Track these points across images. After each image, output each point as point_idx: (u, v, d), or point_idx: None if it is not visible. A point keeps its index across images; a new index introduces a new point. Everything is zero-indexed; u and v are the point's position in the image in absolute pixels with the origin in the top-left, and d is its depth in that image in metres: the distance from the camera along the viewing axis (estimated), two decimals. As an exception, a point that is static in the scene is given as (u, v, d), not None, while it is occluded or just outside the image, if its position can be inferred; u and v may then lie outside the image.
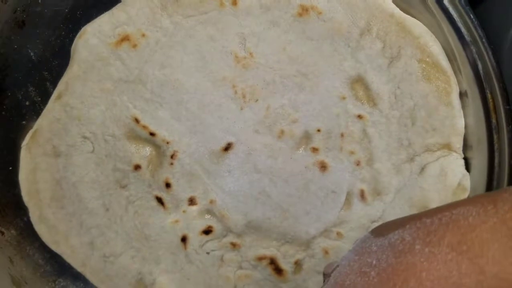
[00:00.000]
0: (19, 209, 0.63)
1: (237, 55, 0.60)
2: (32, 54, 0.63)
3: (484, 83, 0.58)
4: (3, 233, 0.62)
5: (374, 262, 0.42)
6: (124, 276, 0.63)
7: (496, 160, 0.59)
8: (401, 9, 0.60)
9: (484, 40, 0.57)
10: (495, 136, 0.59)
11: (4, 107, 0.63)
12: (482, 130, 0.60)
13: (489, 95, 0.58)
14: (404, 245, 0.41)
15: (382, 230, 0.45)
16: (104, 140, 0.61)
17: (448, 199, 0.62)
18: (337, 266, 0.46)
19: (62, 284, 0.65)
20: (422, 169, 0.62)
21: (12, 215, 0.63)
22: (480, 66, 0.58)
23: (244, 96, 0.61)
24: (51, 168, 0.61)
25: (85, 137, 0.61)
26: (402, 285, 0.39)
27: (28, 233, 0.63)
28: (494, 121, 0.59)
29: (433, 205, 0.61)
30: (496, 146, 0.59)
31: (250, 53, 0.60)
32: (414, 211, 0.62)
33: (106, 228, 0.63)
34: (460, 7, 0.57)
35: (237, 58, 0.60)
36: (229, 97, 0.61)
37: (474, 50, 0.58)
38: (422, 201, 0.62)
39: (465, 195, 0.61)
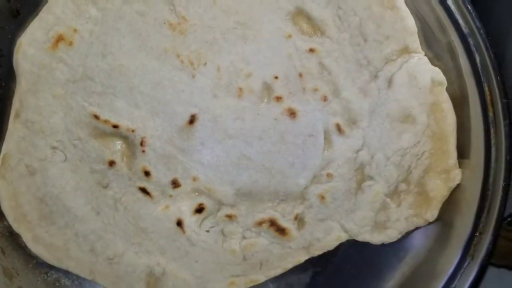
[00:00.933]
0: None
1: (171, 22, 0.58)
2: (26, 43, 0.61)
3: (481, 76, 0.57)
4: None
5: None
6: (133, 272, 0.62)
7: (493, 155, 0.58)
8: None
9: (482, 32, 0.56)
10: (492, 131, 0.58)
11: (-2, 97, 0.62)
12: (479, 124, 0.59)
13: (486, 88, 0.57)
14: None
15: None
16: (73, 145, 0.60)
17: (428, 100, 0.59)
18: None
19: (54, 276, 0.65)
20: (389, 82, 0.59)
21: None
22: (477, 59, 0.57)
23: (191, 63, 0.59)
24: (30, 188, 0.61)
25: (54, 148, 0.60)
26: None
27: (21, 224, 0.62)
28: (491, 114, 0.58)
29: (415, 112, 0.59)
30: (493, 141, 0.58)
31: (183, 17, 0.58)
32: (396, 125, 0.60)
33: (102, 231, 0.62)
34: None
35: (171, 26, 0.58)
36: (177, 68, 0.59)
37: (471, 42, 0.57)
38: (402, 112, 0.60)
39: (443, 89, 0.59)
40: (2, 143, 0.61)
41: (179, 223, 0.61)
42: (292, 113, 0.59)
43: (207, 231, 0.62)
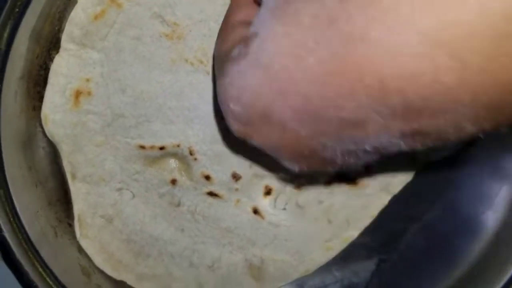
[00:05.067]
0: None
1: (166, 33, 0.59)
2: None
3: None
4: (70, 225, 0.64)
5: (310, 44, 0.30)
6: (236, 270, 0.64)
7: None
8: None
9: None
10: None
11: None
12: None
13: None
14: (353, 27, 0.29)
15: None
16: (134, 180, 0.63)
17: None
18: (255, 35, 0.33)
19: None
20: None
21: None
22: None
23: (201, 62, 0.59)
24: (114, 234, 0.63)
25: (119, 189, 0.63)
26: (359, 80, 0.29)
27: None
28: None
29: None
30: None
31: (174, 23, 0.58)
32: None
33: (193, 244, 0.64)
34: None
35: (168, 36, 0.59)
36: (191, 72, 0.59)
37: None
38: None
39: None
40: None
41: (256, 211, 0.62)
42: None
43: (284, 209, 0.62)
